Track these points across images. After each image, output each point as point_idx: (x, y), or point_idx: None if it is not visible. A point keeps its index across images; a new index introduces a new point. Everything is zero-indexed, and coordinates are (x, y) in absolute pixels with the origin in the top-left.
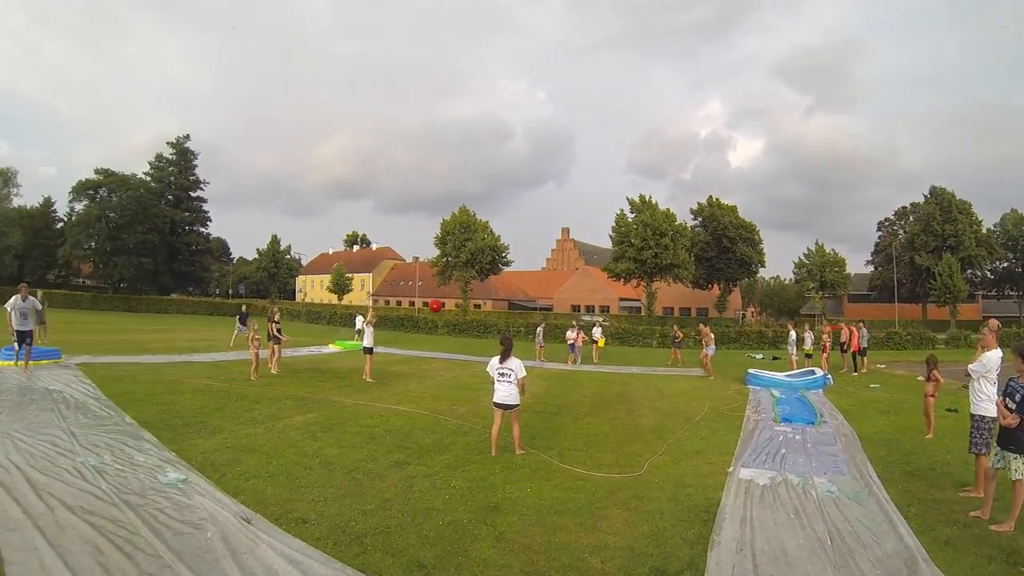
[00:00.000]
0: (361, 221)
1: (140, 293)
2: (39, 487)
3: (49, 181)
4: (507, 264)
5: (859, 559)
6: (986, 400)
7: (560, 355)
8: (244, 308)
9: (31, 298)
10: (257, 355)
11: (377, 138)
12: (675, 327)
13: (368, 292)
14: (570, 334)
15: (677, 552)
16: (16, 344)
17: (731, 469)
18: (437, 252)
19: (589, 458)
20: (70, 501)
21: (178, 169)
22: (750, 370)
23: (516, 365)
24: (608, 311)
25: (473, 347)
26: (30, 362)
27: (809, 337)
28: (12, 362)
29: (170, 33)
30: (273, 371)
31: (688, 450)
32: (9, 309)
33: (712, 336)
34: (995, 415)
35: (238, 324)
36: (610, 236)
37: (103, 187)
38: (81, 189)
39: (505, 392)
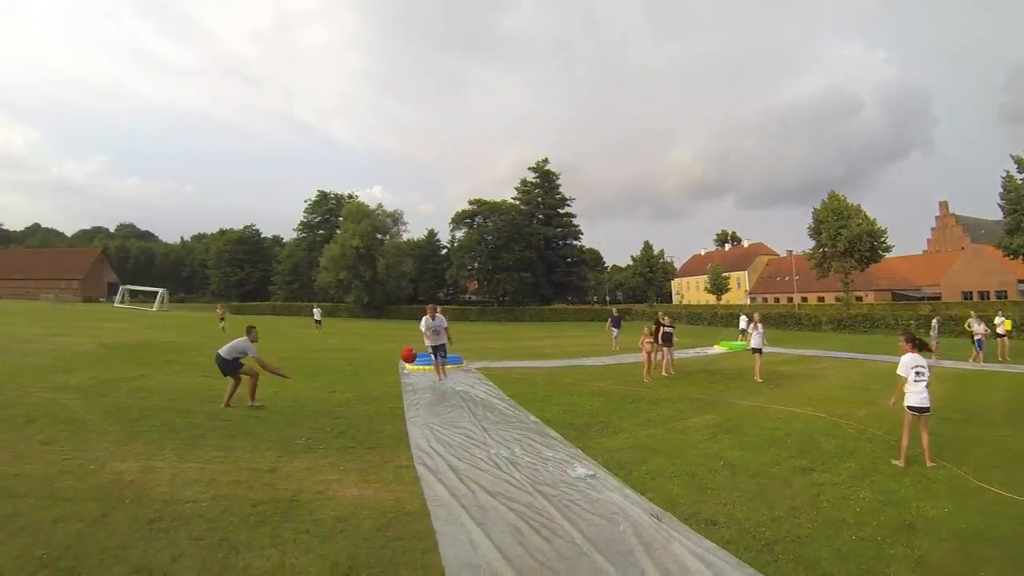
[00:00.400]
0: (727, 219)
1: (523, 305)
2: (460, 472)
3: (428, 216)
4: (887, 250)
5: None
6: None
7: (957, 352)
8: (615, 312)
9: (439, 316)
10: (649, 357)
11: (722, 133)
12: None
13: (745, 290)
14: (977, 327)
15: None
16: (432, 355)
17: None
18: (812, 244)
19: (1012, 478)
20: (488, 486)
21: (543, 190)
22: None
23: (926, 363)
24: (1005, 297)
25: (859, 344)
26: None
27: None
28: (429, 367)
29: (502, 76)
30: (664, 373)
31: None
32: (424, 328)
33: None
34: None
35: (611, 327)
36: (999, 205)
37: (478, 215)
38: (459, 219)
39: (922, 394)
